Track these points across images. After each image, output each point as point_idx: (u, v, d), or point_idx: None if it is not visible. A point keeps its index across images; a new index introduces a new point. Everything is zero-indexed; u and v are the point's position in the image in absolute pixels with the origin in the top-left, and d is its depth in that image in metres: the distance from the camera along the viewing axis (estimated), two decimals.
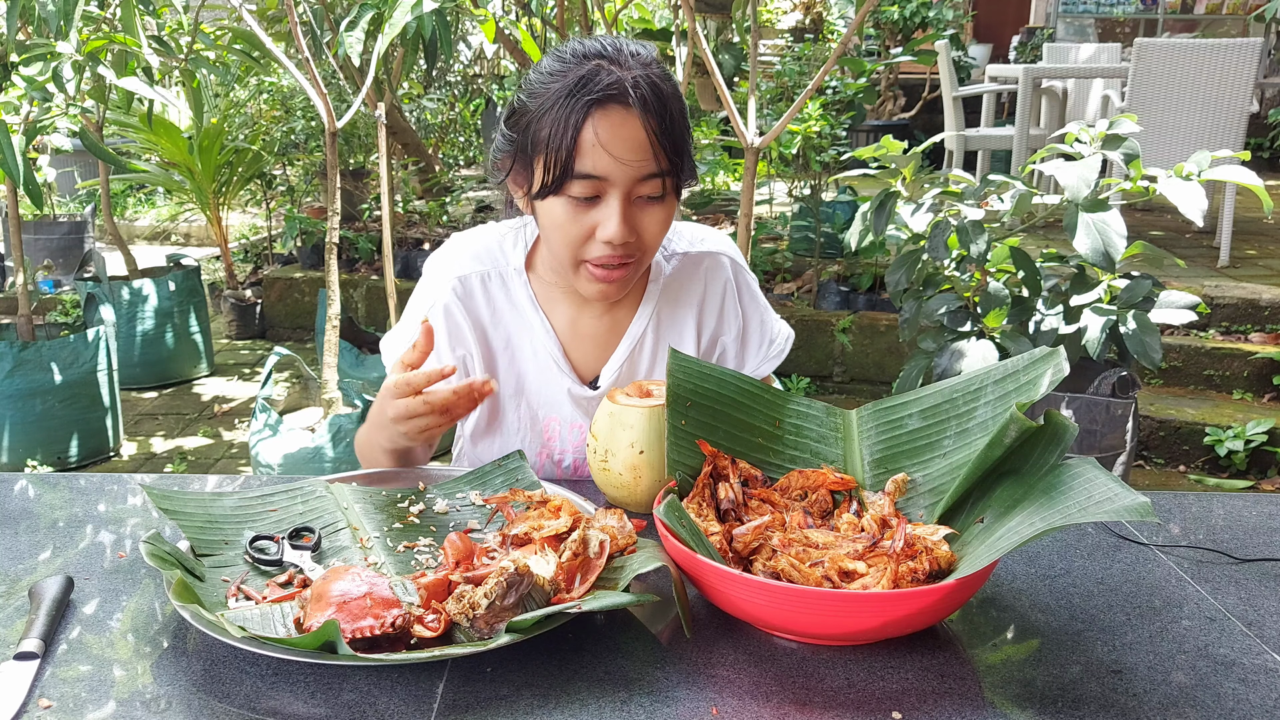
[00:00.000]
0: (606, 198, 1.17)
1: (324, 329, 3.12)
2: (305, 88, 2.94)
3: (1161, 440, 3.69)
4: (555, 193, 1.18)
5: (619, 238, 1.17)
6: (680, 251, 1.40)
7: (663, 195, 1.19)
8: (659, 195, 1.19)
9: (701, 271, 1.40)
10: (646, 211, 1.19)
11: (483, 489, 1.20)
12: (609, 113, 1.14)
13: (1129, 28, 9.47)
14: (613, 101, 1.14)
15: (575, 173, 1.15)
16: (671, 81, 1.21)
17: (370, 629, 0.86)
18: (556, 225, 1.20)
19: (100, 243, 6.46)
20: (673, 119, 1.17)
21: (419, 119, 5.80)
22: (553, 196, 1.18)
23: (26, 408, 3.51)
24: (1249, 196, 5.54)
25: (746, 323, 1.44)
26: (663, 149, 1.16)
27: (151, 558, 0.94)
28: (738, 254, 1.45)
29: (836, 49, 2.89)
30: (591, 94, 1.14)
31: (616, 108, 1.14)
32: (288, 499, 1.15)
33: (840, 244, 4.65)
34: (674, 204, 1.23)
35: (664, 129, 1.16)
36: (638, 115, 1.14)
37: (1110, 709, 0.83)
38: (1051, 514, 0.87)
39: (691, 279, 1.40)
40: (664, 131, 1.16)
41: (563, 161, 1.15)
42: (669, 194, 1.21)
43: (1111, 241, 2.29)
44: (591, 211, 1.18)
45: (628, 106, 1.14)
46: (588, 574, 0.93)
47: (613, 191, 1.16)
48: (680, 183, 1.22)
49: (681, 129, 1.20)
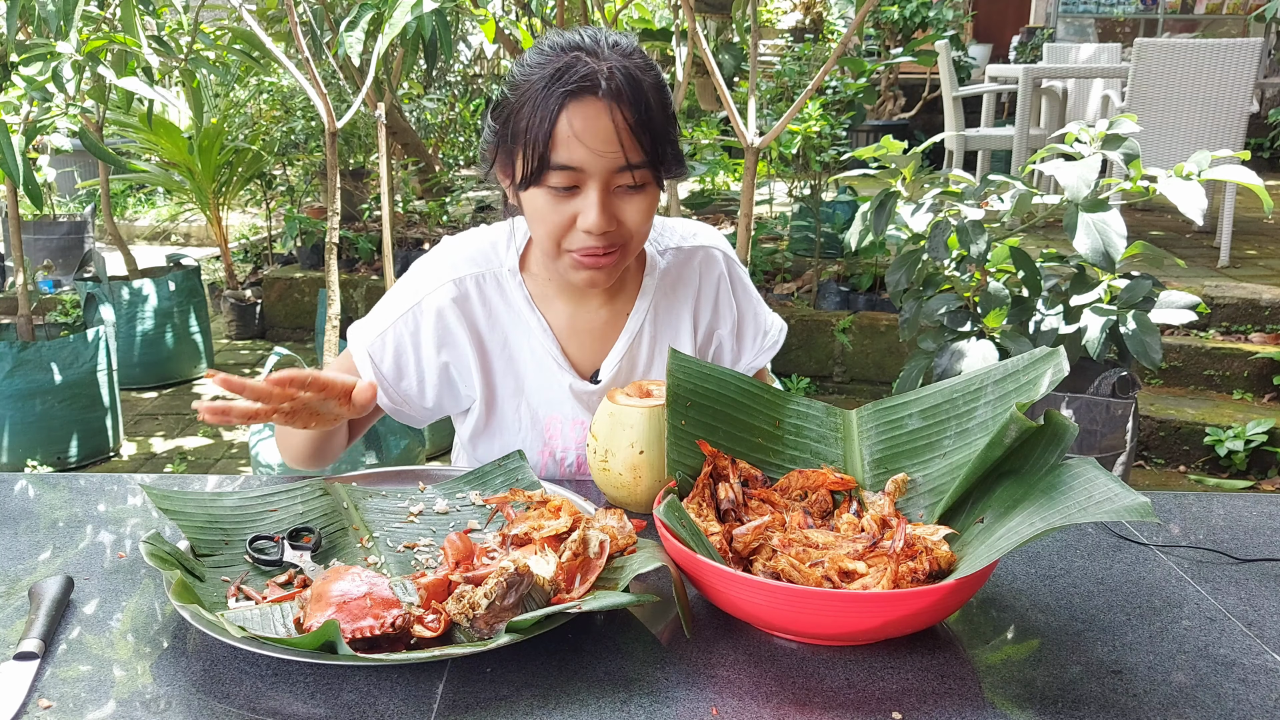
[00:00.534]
0: (585, 188, 1.18)
1: (324, 329, 3.12)
2: (305, 88, 2.94)
3: (1161, 440, 3.69)
4: (535, 184, 1.19)
5: (598, 227, 1.17)
6: (673, 246, 1.41)
7: (643, 185, 1.20)
8: (639, 185, 1.20)
9: (695, 265, 1.41)
10: (627, 200, 1.20)
11: (483, 489, 1.20)
12: (583, 104, 1.15)
13: (1129, 28, 9.47)
14: (587, 93, 1.15)
15: (552, 164, 1.16)
16: (653, 72, 1.21)
17: (370, 629, 0.86)
18: (539, 215, 1.21)
19: (100, 243, 6.46)
20: (651, 110, 1.18)
21: (419, 119, 5.79)
22: (533, 187, 1.20)
23: (26, 408, 3.51)
24: (1249, 196, 5.54)
25: (741, 316, 1.45)
26: (638, 141, 1.16)
27: (151, 557, 0.94)
28: (729, 248, 1.45)
29: (836, 49, 2.89)
30: (566, 85, 1.15)
31: (591, 99, 1.15)
32: (288, 499, 1.15)
33: (840, 244, 4.65)
34: (656, 193, 1.23)
35: (640, 120, 1.16)
36: (612, 107, 1.15)
37: (1110, 709, 0.83)
38: (1051, 514, 0.87)
39: (686, 273, 1.41)
40: (640, 123, 1.16)
41: (540, 153, 1.16)
42: (650, 183, 1.21)
43: (1111, 241, 2.29)
44: (572, 201, 1.19)
45: (600, 98, 1.15)
46: (588, 574, 0.93)
47: (590, 182, 1.17)
48: (662, 173, 1.22)
49: (662, 120, 1.20)
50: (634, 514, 1.12)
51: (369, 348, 1.32)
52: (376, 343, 1.32)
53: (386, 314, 1.34)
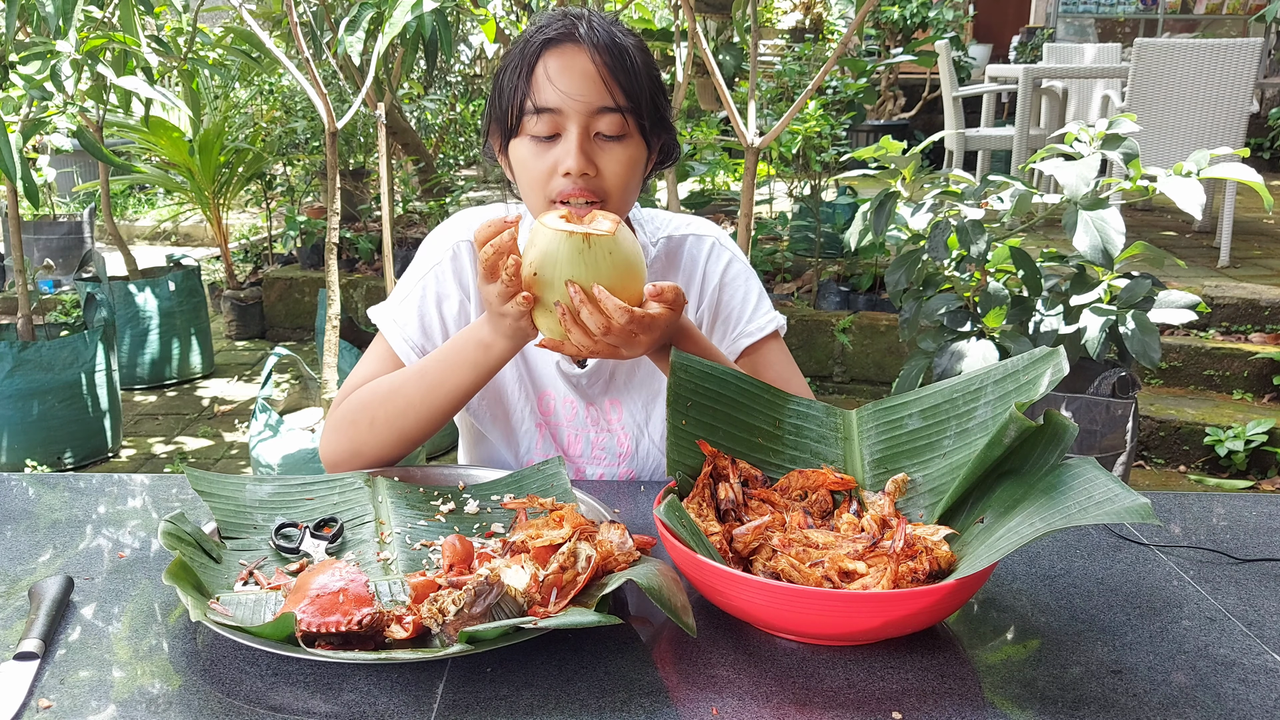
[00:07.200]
0: (565, 133, 1.20)
1: (324, 329, 3.12)
2: (305, 88, 2.93)
3: (1161, 440, 3.69)
4: (517, 134, 1.23)
5: (576, 168, 1.19)
6: (665, 235, 1.43)
7: (623, 136, 1.22)
8: (618, 135, 1.21)
9: (686, 250, 1.42)
10: (606, 149, 1.22)
11: (518, 493, 1.19)
12: (561, 50, 1.20)
13: (1129, 28, 9.47)
14: (566, 40, 1.20)
15: (530, 108, 1.20)
16: (635, 37, 1.25)
17: (336, 624, 0.86)
18: (523, 166, 1.24)
19: (100, 243, 6.46)
20: (630, 61, 1.21)
21: (419, 119, 5.79)
22: (516, 139, 1.23)
23: (25, 408, 3.50)
24: (1249, 196, 5.55)
25: (720, 300, 1.42)
26: (617, 84, 1.20)
27: (166, 536, 0.95)
28: (724, 236, 1.45)
29: (836, 49, 2.89)
30: (546, 35, 1.21)
31: (568, 45, 1.20)
32: (326, 489, 1.16)
33: (840, 244, 4.65)
34: (639, 148, 1.24)
35: (618, 66, 1.20)
36: (588, 50, 1.20)
37: (1110, 709, 0.83)
38: (1052, 514, 0.87)
39: (676, 258, 1.42)
40: (617, 68, 1.20)
41: (520, 101, 1.21)
42: (633, 135, 1.23)
43: (1110, 239, 2.29)
44: (553, 149, 1.21)
45: (578, 43, 1.20)
46: (566, 590, 0.91)
47: (569, 125, 1.20)
48: (645, 125, 1.24)
49: (644, 76, 1.23)
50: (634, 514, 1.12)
51: (394, 316, 1.36)
52: (400, 310, 1.36)
53: (404, 285, 1.39)
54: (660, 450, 1.42)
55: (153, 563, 1.06)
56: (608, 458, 1.43)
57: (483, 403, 1.42)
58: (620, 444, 1.42)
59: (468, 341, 1.20)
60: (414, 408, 1.23)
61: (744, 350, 1.41)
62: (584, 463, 1.43)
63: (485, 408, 1.42)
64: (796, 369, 1.43)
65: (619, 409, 1.41)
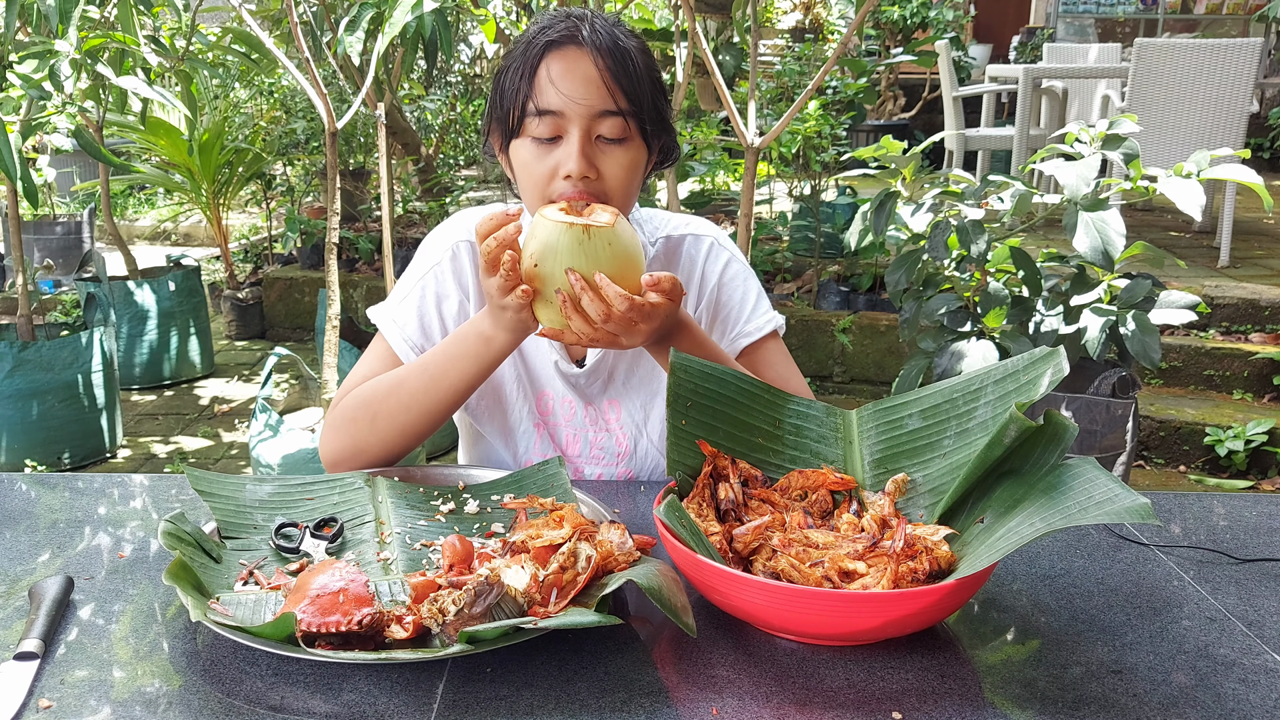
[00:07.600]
0: (567, 136, 1.20)
1: (324, 329, 3.12)
2: (305, 88, 2.93)
3: (1161, 440, 3.69)
4: (519, 134, 1.23)
5: (578, 172, 1.19)
6: (664, 235, 1.42)
7: (624, 139, 1.22)
8: (620, 138, 1.21)
9: (684, 250, 1.42)
10: (607, 152, 1.22)
11: (518, 493, 1.19)
12: (564, 52, 1.20)
13: (1129, 28, 9.47)
14: (568, 42, 1.20)
15: (532, 110, 1.20)
16: (637, 39, 1.25)
17: (336, 624, 0.86)
18: (524, 167, 1.24)
19: (100, 243, 6.46)
20: (633, 64, 1.21)
21: (419, 119, 5.79)
22: (517, 139, 1.23)
23: (25, 408, 3.50)
24: (1249, 196, 5.55)
25: (719, 299, 1.42)
26: (619, 87, 1.20)
27: (165, 536, 0.95)
28: (723, 236, 1.45)
29: (836, 49, 2.89)
30: (548, 36, 1.21)
31: (571, 47, 1.20)
32: (326, 489, 1.16)
33: (840, 244, 4.65)
34: (640, 150, 1.24)
35: (620, 69, 1.20)
36: (590, 53, 1.19)
37: (1110, 709, 0.83)
38: (1052, 514, 0.87)
39: (675, 258, 1.42)
40: (619, 71, 1.20)
41: (521, 102, 1.21)
42: (634, 138, 1.23)
43: (1110, 239, 2.29)
44: (554, 151, 1.21)
45: (581, 45, 1.20)
46: (566, 590, 0.91)
47: (571, 128, 1.20)
48: (646, 128, 1.24)
49: (646, 79, 1.23)
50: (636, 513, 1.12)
51: (394, 316, 1.36)
52: (399, 310, 1.36)
53: (403, 285, 1.39)
54: (658, 450, 1.42)
55: (152, 563, 1.06)
56: (606, 458, 1.43)
57: (481, 402, 1.42)
58: (619, 444, 1.42)
59: (469, 335, 1.21)
60: (416, 402, 1.24)
61: (743, 350, 1.40)
62: (582, 463, 1.43)
63: (484, 407, 1.42)
64: (796, 369, 1.42)
65: (617, 409, 1.41)
